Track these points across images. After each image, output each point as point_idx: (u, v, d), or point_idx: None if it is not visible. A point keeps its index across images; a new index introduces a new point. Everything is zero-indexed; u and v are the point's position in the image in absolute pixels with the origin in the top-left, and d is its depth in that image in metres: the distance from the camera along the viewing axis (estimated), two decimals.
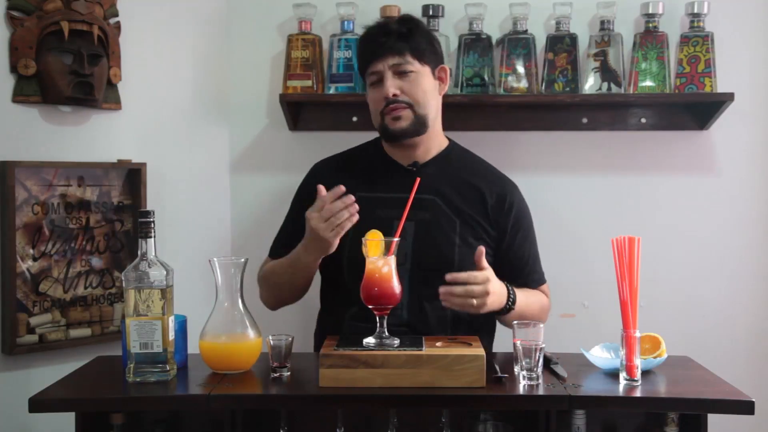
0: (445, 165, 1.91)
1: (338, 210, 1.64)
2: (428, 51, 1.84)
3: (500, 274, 1.93)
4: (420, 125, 1.83)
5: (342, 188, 1.65)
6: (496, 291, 1.69)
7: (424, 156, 1.90)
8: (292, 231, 1.93)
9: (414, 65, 1.81)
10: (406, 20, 1.87)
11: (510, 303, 1.75)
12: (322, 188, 1.69)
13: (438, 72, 1.88)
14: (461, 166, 1.92)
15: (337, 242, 1.69)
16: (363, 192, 1.86)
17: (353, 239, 1.81)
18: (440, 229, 1.83)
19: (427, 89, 1.84)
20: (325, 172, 1.95)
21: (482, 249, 1.70)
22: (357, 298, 1.78)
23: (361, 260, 1.64)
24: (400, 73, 1.81)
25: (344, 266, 1.83)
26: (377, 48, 1.81)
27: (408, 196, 1.67)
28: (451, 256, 1.82)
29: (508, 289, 1.75)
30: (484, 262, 1.69)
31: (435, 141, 1.91)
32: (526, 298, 1.83)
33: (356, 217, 1.65)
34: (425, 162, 1.90)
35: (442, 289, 1.64)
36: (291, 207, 2.00)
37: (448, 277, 1.64)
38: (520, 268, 1.92)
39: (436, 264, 1.79)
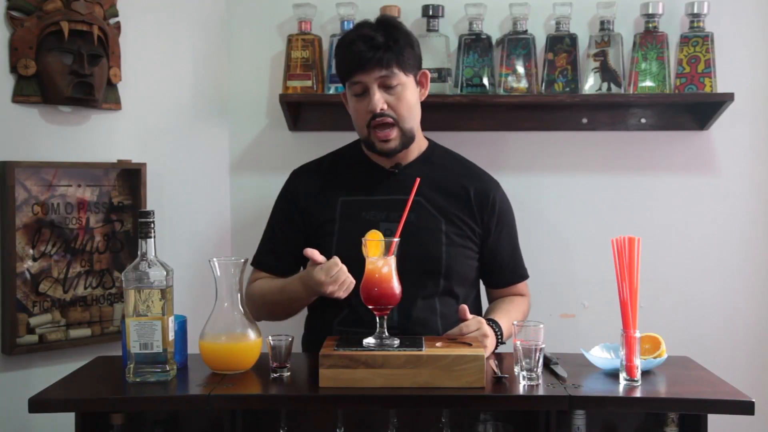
0: (427, 165, 1.90)
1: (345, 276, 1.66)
2: (412, 59, 1.81)
3: (485, 271, 1.94)
4: (407, 140, 1.84)
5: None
6: (489, 333, 1.69)
7: (406, 158, 1.89)
8: (277, 239, 1.93)
9: (400, 78, 1.78)
10: (389, 27, 1.79)
11: (500, 338, 1.75)
12: (316, 254, 1.68)
13: (419, 77, 1.86)
14: (443, 166, 1.92)
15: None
16: (346, 196, 1.86)
17: (339, 245, 1.82)
18: (426, 230, 1.82)
19: (412, 101, 1.82)
20: (305, 179, 1.95)
21: (464, 306, 1.71)
22: (345, 302, 1.77)
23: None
24: (386, 87, 1.78)
25: None
26: (363, 61, 1.75)
27: (406, 198, 1.67)
28: (438, 256, 1.82)
29: (492, 327, 1.74)
30: (468, 314, 1.70)
31: (416, 143, 1.90)
32: (508, 317, 1.83)
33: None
34: (407, 164, 1.90)
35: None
36: (272, 215, 1.97)
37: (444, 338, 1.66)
38: (505, 263, 1.94)
39: (424, 264, 1.79)
